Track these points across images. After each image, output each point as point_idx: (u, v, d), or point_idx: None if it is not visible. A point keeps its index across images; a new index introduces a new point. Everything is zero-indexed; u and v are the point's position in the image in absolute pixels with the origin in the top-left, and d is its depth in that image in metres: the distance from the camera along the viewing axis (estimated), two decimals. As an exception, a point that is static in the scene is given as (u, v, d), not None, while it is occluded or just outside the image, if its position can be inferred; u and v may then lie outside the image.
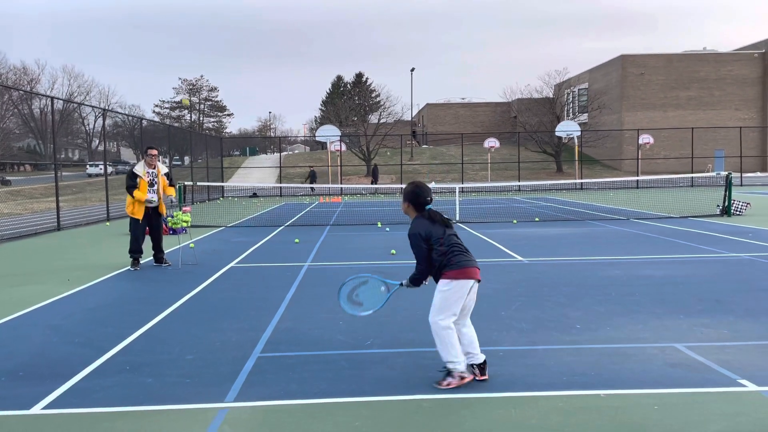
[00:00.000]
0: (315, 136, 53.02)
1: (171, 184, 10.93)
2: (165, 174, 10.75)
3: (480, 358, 4.77)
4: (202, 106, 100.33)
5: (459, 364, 4.62)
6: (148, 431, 4.01)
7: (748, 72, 56.74)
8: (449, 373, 4.63)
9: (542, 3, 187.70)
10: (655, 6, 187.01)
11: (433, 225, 4.72)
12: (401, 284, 4.95)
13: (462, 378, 4.62)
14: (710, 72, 56.58)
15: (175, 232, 14.33)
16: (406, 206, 4.87)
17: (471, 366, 4.74)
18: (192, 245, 12.06)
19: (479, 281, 4.80)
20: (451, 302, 4.64)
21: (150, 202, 10.44)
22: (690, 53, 58.73)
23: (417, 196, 4.78)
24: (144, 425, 4.10)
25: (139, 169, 10.50)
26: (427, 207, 4.78)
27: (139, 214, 10.45)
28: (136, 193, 10.36)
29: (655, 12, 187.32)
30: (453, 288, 4.64)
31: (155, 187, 10.57)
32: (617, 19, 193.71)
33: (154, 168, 10.58)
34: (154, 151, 10.65)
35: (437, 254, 4.69)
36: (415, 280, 4.84)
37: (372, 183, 41.83)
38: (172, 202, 10.99)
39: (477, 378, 4.72)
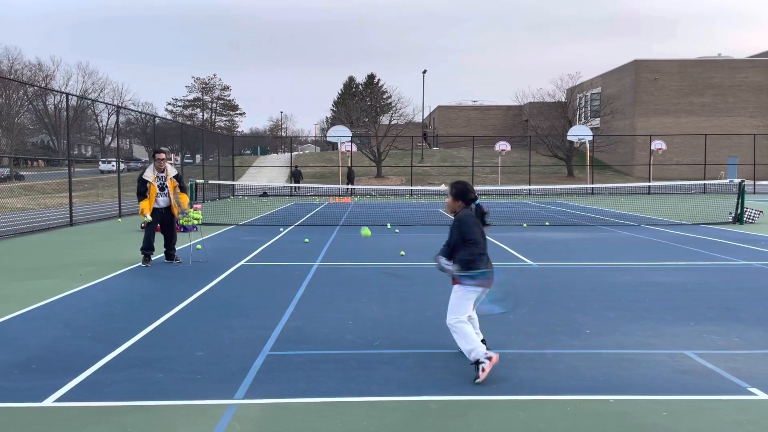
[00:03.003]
0: (326, 137, 53.12)
1: (182, 188, 10.85)
2: (174, 176, 10.69)
3: (480, 336, 5.22)
4: (214, 104, 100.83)
5: (478, 349, 4.87)
6: (158, 426, 4.05)
7: (763, 79, 56.33)
8: (477, 362, 4.82)
9: (556, 7, 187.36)
10: (670, 11, 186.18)
11: (477, 219, 5.13)
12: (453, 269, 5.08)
13: (489, 358, 4.82)
14: (725, 78, 56.20)
15: (185, 229, 14.43)
16: (453, 201, 5.22)
17: None
18: (199, 246, 12.12)
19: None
20: (466, 304, 5.06)
21: (157, 204, 10.47)
22: (704, 59, 58.35)
23: (468, 193, 5.21)
24: (154, 420, 4.14)
25: (149, 174, 10.45)
26: (476, 202, 5.20)
27: (149, 213, 10.47)
28: (142, 203, 10.39)
29: (670, 17, 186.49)
30: (468, 293, 5.05)
31: (165, 191, 10.60)
32: (631, 24, 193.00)
33: (164, 171, 10.57)
34: (163, 155, 10.54)
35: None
36: (467, 263, 5.00)
37: (348, 184, 41.81)
38: (184, 213, 10.89)
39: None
